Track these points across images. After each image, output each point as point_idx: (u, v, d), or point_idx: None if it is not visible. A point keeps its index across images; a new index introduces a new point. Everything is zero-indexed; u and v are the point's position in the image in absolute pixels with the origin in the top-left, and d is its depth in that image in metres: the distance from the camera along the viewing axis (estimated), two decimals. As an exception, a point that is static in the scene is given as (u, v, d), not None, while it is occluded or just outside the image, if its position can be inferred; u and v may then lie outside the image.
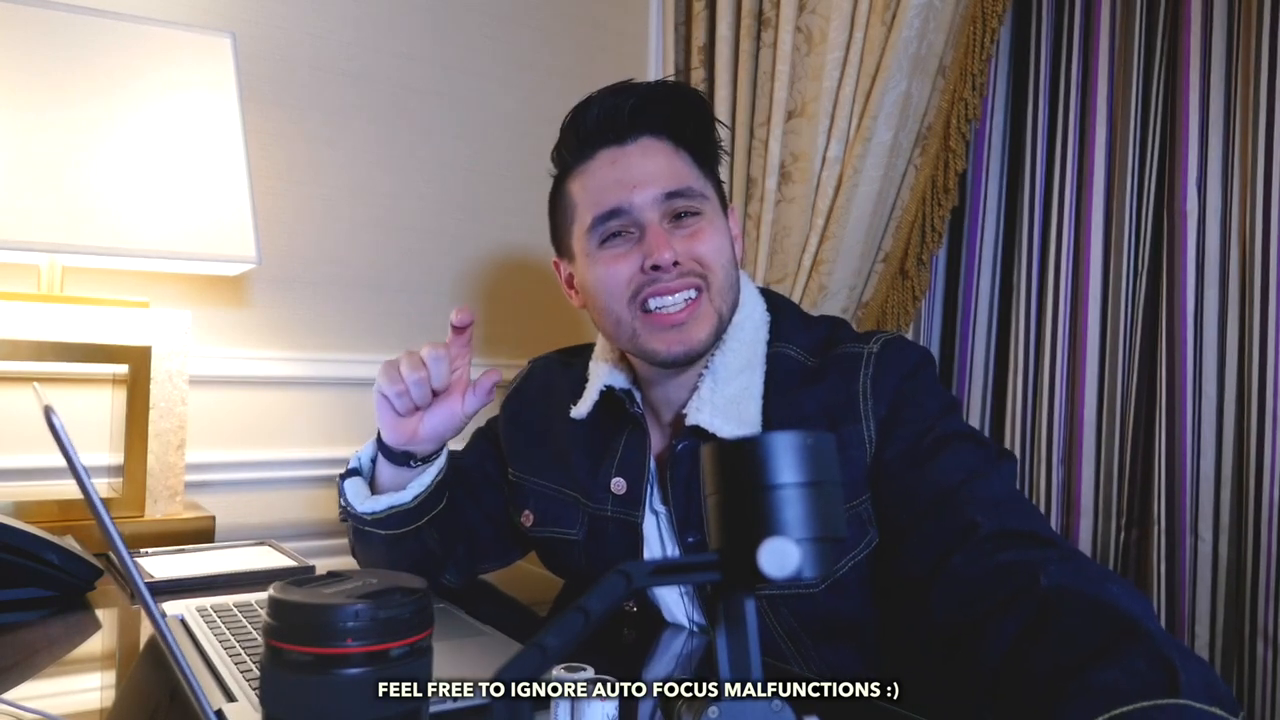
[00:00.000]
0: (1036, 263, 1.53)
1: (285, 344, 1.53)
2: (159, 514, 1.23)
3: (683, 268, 0.89)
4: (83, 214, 1.14)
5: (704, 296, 0.90)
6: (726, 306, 0.93)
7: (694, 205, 0.92)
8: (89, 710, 0.69)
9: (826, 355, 0.92)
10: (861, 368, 0.89)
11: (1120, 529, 1.42)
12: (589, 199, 0.93)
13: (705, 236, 0.91)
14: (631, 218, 0.90)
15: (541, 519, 1.04)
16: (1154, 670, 0.59)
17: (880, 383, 0.88)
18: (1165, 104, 1.40)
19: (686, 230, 0.91)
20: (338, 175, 1.57)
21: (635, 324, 0.91)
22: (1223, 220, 1.34)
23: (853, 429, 0.87)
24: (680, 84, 0.97)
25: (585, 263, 0.94)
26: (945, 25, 1.47)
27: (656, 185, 0.90)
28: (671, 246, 0.88)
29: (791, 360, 0.93)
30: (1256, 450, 1.27)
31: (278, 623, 0.44)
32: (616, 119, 0.92)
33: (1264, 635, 1.24)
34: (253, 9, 1.49)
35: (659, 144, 0.93)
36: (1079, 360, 1.46)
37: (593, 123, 0.94)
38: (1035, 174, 1.53)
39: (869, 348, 0.90)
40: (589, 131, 0.94)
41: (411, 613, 0.45)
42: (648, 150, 0.92)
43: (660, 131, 0.93)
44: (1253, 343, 1.29)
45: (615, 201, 0.90)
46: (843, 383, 0.89)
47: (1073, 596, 0.68)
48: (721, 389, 0.92)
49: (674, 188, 0.91)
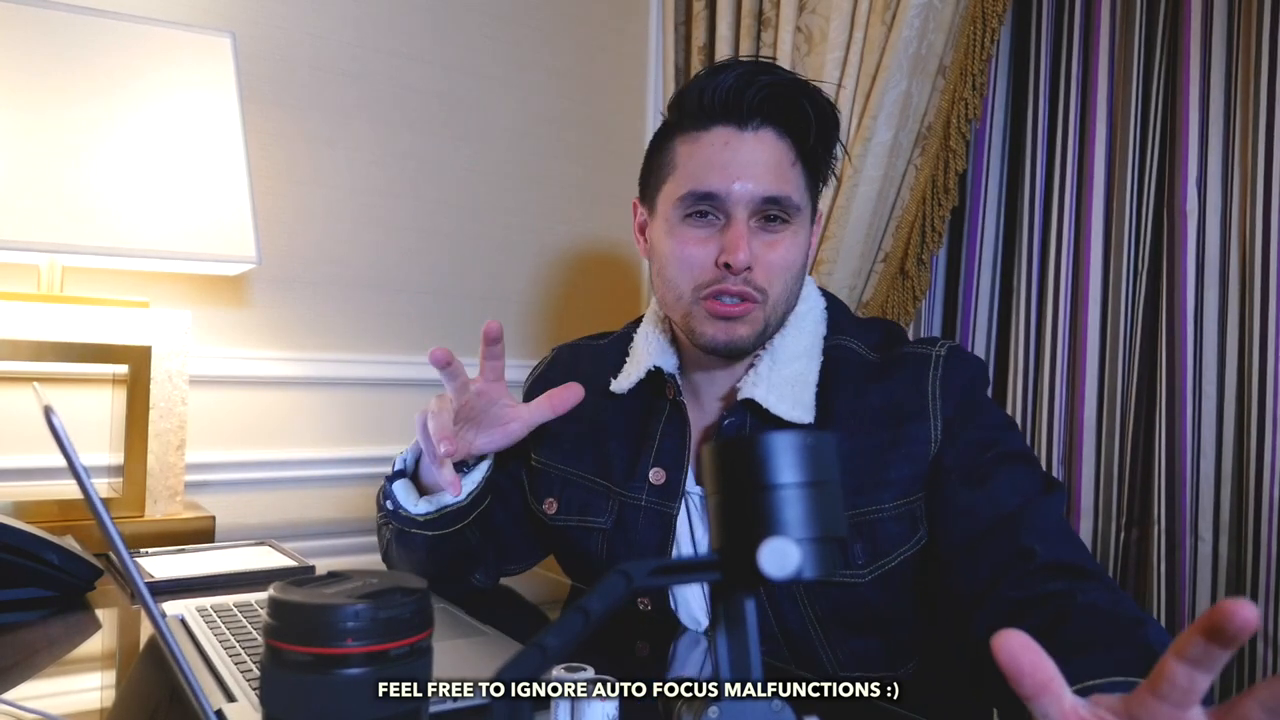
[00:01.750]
0: (1036, 263, 1.53)
1: (285, 344, 1.53)
2: (159, 514, 1.23)
3: (750, 276, 0.90)
4: (83, 214, 1.14)
5: (758, 305, 0.91)
6: (777, 317, 0.93)
7: (786, 214, 0.91)
8: (89, 710, 0.69)
9: (889, 354, 0.93)
10: (930, 369, 0.90)
11: (1120, 529, 1.42)
12: (690, 170, 0.91)
13: (783, 248, 0.91)
14: (724, 206, 0.90)
15: (566, 507, 1.02)
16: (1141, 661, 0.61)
17: (949, 385, 0.89)
18: (1165, 104, 1.40)
19: (770, 237, 0.91)
20: (338, 175, 1.57)
21: (692, 306, 0.92)
22: (1223, 220, 1.34)
23: (919, 426, 0.88)
24: (819, 90, 0.93)
25: (663, 228, 0.94)
26: (945, 25, 1.47)
27: (759, 184, 0.89)
28: (750, 251, 0.88)
29: (853, 353, 0.95)
30: (1256, 450, 1.27)
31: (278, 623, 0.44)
32: (744, 101, 0.89)
33: (1264, 635, 1.24)
34: (253, 9, 1.49)
35: (777, 141, 0.91)
36: (1079, 360, 1.46)
37: (721, 95, 0.90)
38: (1035, 174, 1.53)
39: (935, 351, 0.92)
40: (714, 104, 0.90)
41: (411, 613, 0.45)
42: (763, 143, 0.90)
43: (783, 128, 0.91)
44: (1253, 343, 1.29)
45: (714, 185, 0.89)
46: (911, 381, 0.90)
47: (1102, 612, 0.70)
48: (780, 370, 0.93)
49: (775, 193, 0.89)
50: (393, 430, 1.63)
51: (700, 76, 0.93)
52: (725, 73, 0.90)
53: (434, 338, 1.67)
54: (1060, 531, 0.81)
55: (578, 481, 1.02)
